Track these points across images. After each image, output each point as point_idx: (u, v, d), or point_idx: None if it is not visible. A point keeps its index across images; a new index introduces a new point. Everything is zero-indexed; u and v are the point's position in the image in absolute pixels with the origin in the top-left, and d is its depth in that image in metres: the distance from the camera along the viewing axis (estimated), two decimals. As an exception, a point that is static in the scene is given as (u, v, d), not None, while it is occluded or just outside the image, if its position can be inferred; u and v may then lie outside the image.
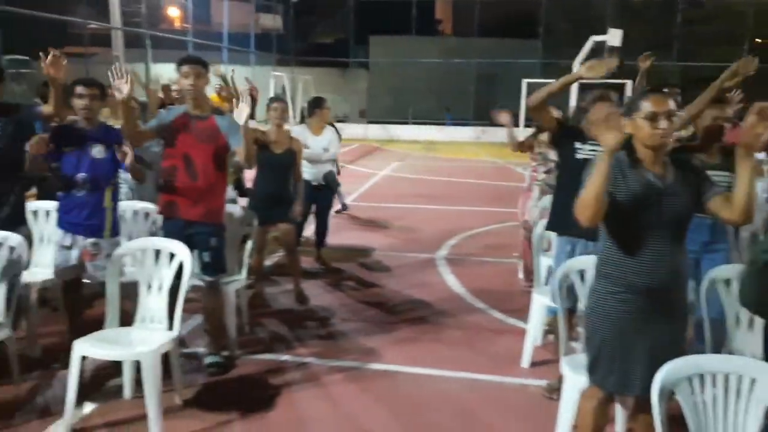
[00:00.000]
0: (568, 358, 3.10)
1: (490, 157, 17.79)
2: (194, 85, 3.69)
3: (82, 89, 3.73)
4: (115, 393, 3.60)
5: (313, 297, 5.37)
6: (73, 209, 3.75)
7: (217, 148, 3.79)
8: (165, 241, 3.55)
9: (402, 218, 8.97)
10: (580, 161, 3.32)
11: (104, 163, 3.76)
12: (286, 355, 4.22)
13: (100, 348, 3.20)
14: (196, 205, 3.77)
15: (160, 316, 3.49)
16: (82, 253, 3.79)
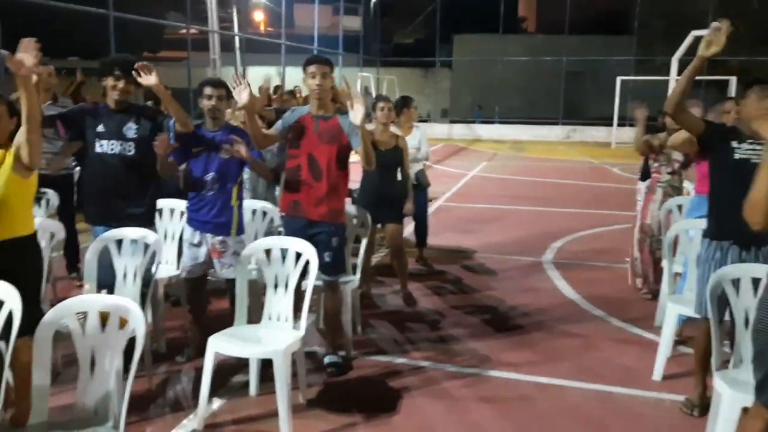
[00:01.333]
0: (721, 373, 2.87)
1: (583, 157, 17.21)
2: (320, 84, 3.68)
3: (210, 90, 3.80)
4: (241, 390, 3.64)
5: (419, 299, 5.29)
6: (202, 208, 3.83)
7: (340, 148, 3.76)
8: (292, 240, 3.55)
9: (499, 219, 8.78)
10: (739, 162, 3.08)
11: (231, 162, 3.81)
12: (402, 358, 4.15)
13: (232, 345, 3.23)
14: (319, 204, 3.76)
15: (286, 315, 3.50)
16: (210, 250, 3.86)
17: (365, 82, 20.32)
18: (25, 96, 2.73)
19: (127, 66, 3.73)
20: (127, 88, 3.76)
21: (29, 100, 2.74)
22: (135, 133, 3.80)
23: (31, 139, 2.79)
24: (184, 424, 3.29)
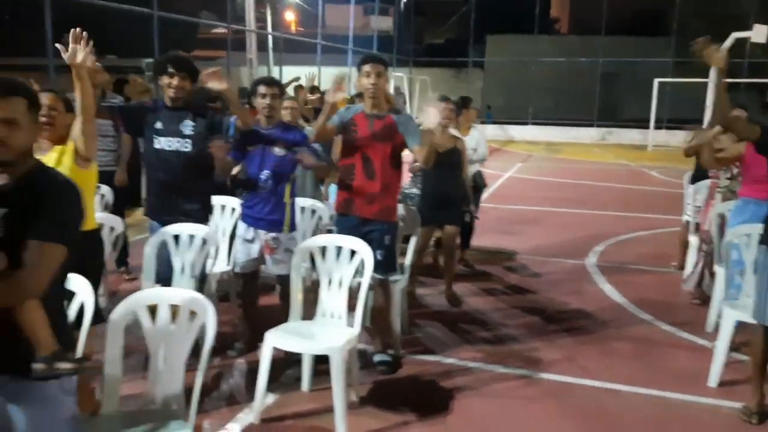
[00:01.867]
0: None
1: (619, 160, 16.98)
2: (375, 84, 3.70)
3: (265, 89, 3.84)
4: (293, 385, 3.66)
5: (464, 299, 5.27)
6: (256, 204, 3.87)
7: (394, 147, 3.77)
8: (347, 238, 3.57)
9: (538, 221, 8.71)
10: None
11: (285, 160, 3.85)
12: (451, 358, 4.14)
13: (290, 340, 3.26)
14: (372, 203, 3.78)
15: (340, 312, 3.52)
16: (262, 246, 3.91)
17: (397, 82, 20.32)
18: (79, 87, 2.79)
19: (181, 63, 3.79)
20: (182, 84, 3.79)
21: (84, 92, 2.80)
22: (191, 130, 3.84)
23: (87, 130, 2.86)
24: (239, 417, 3.34)
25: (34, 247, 1.72)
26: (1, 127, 1.75)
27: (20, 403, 1.80)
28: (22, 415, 1.80)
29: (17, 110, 1.78)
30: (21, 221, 1.72)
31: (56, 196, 1.80)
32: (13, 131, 1.76)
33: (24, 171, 1.82)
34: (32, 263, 1.71)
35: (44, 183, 1.82)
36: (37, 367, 1.76)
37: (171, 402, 2.50)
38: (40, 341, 1.77)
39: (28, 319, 1.76)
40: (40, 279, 1.73)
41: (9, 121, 1.76)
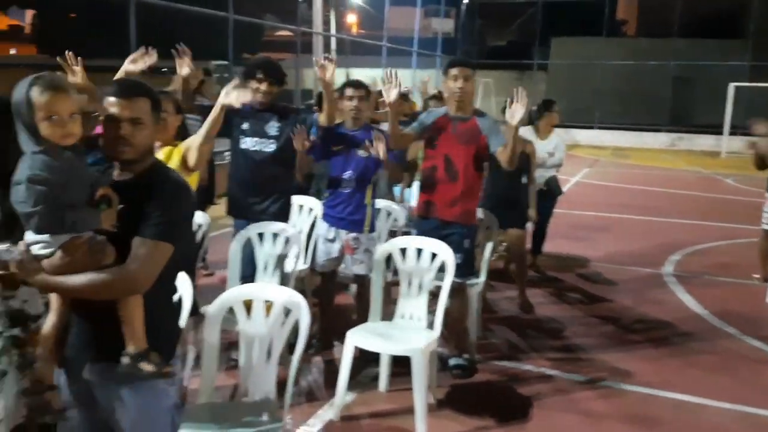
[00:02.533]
0: None
1: (690, 167, 16.39)
2: (462, 88, 3.69)
3: (352, 91, 3.89)
4: (370, 384, 3.69)
5: (535, 305, 5.20)
6: (338, 205, 3.93)
7: (477, 149, 3.76)
8: (428, 240, 3.57)
9: (610, 228, 8.50)
10: None
11: (368, 162, 3.89)
12: (528, 365, 4.09)
13: (371, 340, 3.29)
14: (453, 205, 3.77)
15: (419, 314, 3.53)
16: (343, 246, 3.96)
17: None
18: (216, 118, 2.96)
19: (270, 69, 3.88)
20: (270, 89, 3.88)
21: (216, 123, 2.96)
22: (276, 131, 3.93)
23: (203, 150, 2.97)
24: (319, 414, 3.38)
25: (142, 244, 1.78)
26: (127, 126, 1.82)
27: (129, 389, 1.87)
28: (131, 399, 1.87)
29: (142, 110, 1.85)
30: (135, 217, 1.79)
31: (169, 195, 1.86)
32: (137, 130, 1.84)
33: (143, 169, 1.90)
34: (139, 259, 1.77)
35: (160, 181, 1.88)
36: (123, 362, 1.82)
37: (263, 396, 2.56)
38: (132, 338, 1.83)
39: (127, 313, 1.81)
40: (146, 275, 1.79)
41: (134, 121, 1.83)
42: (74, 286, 1.73)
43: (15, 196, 1.68)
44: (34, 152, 1.68)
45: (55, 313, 1.84)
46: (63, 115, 1.71)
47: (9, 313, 2.18)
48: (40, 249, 1.72)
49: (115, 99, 1.82)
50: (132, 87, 1.89)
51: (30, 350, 2.19)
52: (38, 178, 1.65)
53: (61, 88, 1.71)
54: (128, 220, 1.78)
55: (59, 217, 1.67)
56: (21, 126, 1.69)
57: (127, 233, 1.78)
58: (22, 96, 1.67)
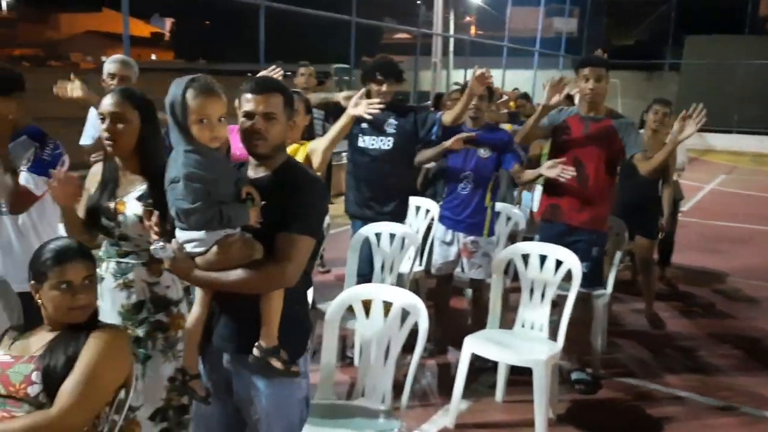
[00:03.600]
0: None
1: None
2: (593, 88, 3.50)
3: None
4: (485, 392, 3.58)
5: (665, 321, 4.84)
6: (457, 206, 3.84)
7: (610, 153, 3.54)
8: (553, 247, 3.40)
9: (749, 241, 7.80)
10: None
11: (489, 162, 3.78)
12: (656, 384, 3.81)
13: (490, 348, 3.18)
14: (581, 210, 3.58)
15: (541, 324, 3.37)
16: (460, 249, 3.87)
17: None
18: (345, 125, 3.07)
19: (389, 70, 3.86)
20: (389, 89, 3.87)
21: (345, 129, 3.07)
22: (394, 129, 3.91)
23: (327, 154, 3.03)
24: (434, 419, 3.32)
25: (289, 239, 1.81)
26: (262, 120, 1.86)
27: (265, 380, 1.90)
28: (266, 390, 1.91)
29: (276, 106, 1.88)
30: (274, 213, 1.82)
31: (308, 191, 1.88)
32: (271, 125, 1.87)
33: (278, 165, 1.93)
34: (287, 255, 1.80)
35: (297, 177, 1.91)
36: (254, 355, 1.85)
37: (380, 398, 2.53)
38: (267, 332, 1.86)
39: (268, 307, 1.85)
40: (296, 270, 1.82)
41: (269, 116, 1.87)
42: (230, 281, 1.80)
43: (172, 193, 1.75)
44: (187, 150, 1.75)
45: (201, 305, 1.91)
46: (213, 118, 1.78)
47: (154, 299, 2.30)
48: (194, 247, 1.79)
49: (250, 95, 1.87)
50: (267, 83, 1.93)
51: (172, 334, 2.31)
52: (195, 176, 1.71)
53: (214, 92, 1.79)
54: (269, 215, 1.82)
55: (217, 213, 1.73)
56: (173, 125, 1.77)
57: (268, 229, 1.82)
58: (177, 97, 1.75)
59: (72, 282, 1.84)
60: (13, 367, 1.82)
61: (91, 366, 1.79)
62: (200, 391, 1.92)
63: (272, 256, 1.81)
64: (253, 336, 1.86)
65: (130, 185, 2.28)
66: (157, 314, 2.30)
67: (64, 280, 1.83)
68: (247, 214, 1.79)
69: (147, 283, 2.29)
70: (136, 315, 2.29)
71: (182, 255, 1.81)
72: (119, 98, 2.21)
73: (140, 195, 2.25)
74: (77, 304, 1.85)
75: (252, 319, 1.86)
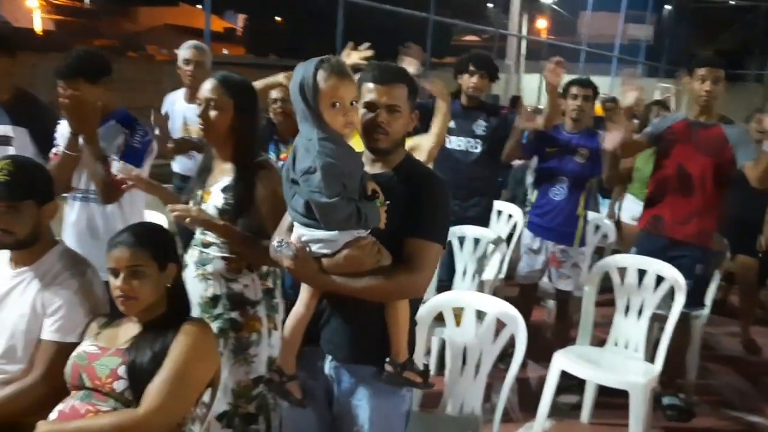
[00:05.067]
0: None
1: None
2: (710, 91, 3.25)
3: (577, 89, 3.58)
4: (570, 412, 3.36)
5: (763, 347, 4.48)
6: (548, 213, 3.63)
7: (719, 162, 3.26)
8: (653, 261, 3.15)
9: None
10: None
11: (585, 168, 3.54)
12: (757, 417, 3.50)
13: (582, 366, 2.96)
14: (686, 223, 3.31)
15: (636, 344, 3.13)
16: (549, 258, 3.65)
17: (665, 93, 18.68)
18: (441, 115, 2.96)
19: (482, 61, 3.70)
20: (481, 83, 3.71)
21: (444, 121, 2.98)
22: (484, 131, 3.74)
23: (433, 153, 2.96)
24: (517, 435, 3.14)
25: (420, 247, 1.67)
26: (385, 113, 1.72)
27: (372, 390, 1.77)
28: (372, 401, 1.77)
29: (401, 97, 1.74)
30: (400, 216, 1.68)
31: (437, 193, 1.74)
32: (395, 119, 1.73)
33: (398, 162, 1.79)
34: (419, 263, 1.66)
35: (423, 178, 1.77)
36: (388, 370, 1.72)
37: (469, 411, 2.37)
38: (398, 344, 1.73)
39: (396, 318, 1.72)
40: (426, 280, 1.69)
41: (391, 108, 1.72)
42: (359, 287, 1.65)
43: (306, 185, 1.58)
44: (322, 138, 1.58)
45: (306, 305, 1.76)
46: (346, 102, 1.62)
47: (230, 296, 2.21)
48: (320, 248, 1.64)
49: (373, 85, 1.73)
50: (392, 72, 1.77)
51: (245, 335, 2.21)
52: (333, 167, 1.54)
53: (346, 74, 1.63)
54: (393, 217, 1.66)
55: (355, 211, 1.57)
56: (303, 109, 1.61)
57: (393, 232, 1.67)
58: (308, 79, 1.59)
59: (116, 269, 1.75)
60: (100, 359, 1.74)
61: (179, 364, 1.70)
62: (297, 393, 1.79)
63: (403, 264, 1.66)
64: (370, 346, 1.73)
65: (220, 175, 2.20)
66: (232, 312, 2.21)
67: (110, 266, 1.76)
68: (379, 214, 1.63)
69: (224, 278, 2.20)
70: (212, 309, 2.22)
71: (305, 255, 1.66)
72: (215, 84, 2.12)
73: (225, 186, 2.16)
74: (116, 294, 1.75)
75: (369, 328, 1.73)
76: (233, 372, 2.22)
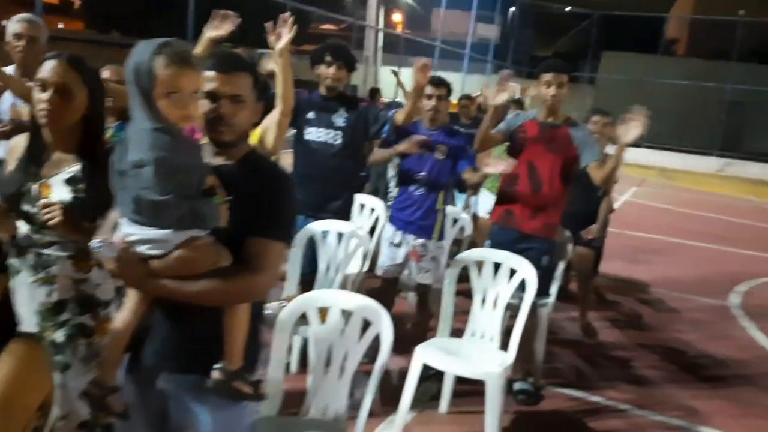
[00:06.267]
0: None
1: (742, 194, 15.82)
2: (555, 94, 3.43)
3: (432, 89, 3.62)
4: (429, 403, 3.43)
5: (598, 330, 4.88)
6: (408, 207, 3.67)
7: (565, 160, 3.47)
8: (507, 255, 3.29)
9: (669, 252, 8.13)
10: None
11: (444, 166, 3.62)
12: (597, 396, 3.79)
13: (442, 359, 3.02)
14: (534, 217, 3.49)
15: (492, 334, 3.26)
16: (409, 252, 3.70)
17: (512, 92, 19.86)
18: (282, 74, 2.67)
19: (339, 52, 3.64)
20: (339, 74, 3.65)
21: (286, 79, 2.68)
22: (344, 122, 3.68)
23: (282, 123, 2.73)
24: (380, 429, 3.13)
25: (263, 246, 1.56)
26: (227, 104, 1.60)
27: (207, 405, 1.64)
28: (208, 416, 1.65)
29: (245, 87, 1.63)
30: (243, 213, 1.56)
31: (282, 190, 1.65)
32: (238, 109, 1.61)
33: (241, 155, 1.67)
34: (262, 264, 1.55)
35: (267, 172, 1.67)
36: (215, 378, 1.59)
37: (333, 414, 2.32)
38: (232, 351, 1.60)
39: (232, 323, 1.59)
40: (270, 281, 1.59)
41: (235, 98, 1.60)
42: (193, 291, 1.50)
43: (135, 180, 1.43)
44: (156, 129, 1.43)
45: (133, 314, 1.58)
46: (185, 93, 1.47)
47: (80, 298, 1.97)
48: (150, 249, 1.47)
49: (214, 73, 1.59)
50: (233, 61, 1.65)
51: (97, 341, 1.98)
52: (167, 162, 1.40)
53: (188, 62, 1.48)
54: (234, 214, 1.54)
55: (191, 210, 1.43)
56: (137, 94, 1.44)
57: (233, 230, 1.54)
58: (144, 64, 1.43)
59: None
60: None
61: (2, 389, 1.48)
62: (118, 407, 1.60)
63: (244, 265, 1.54)
64: (203, 354, 1.59)
65: (60, 166, 1.95)
66: (81, 316, 1.98)
67: None
68: (219, 212, 1.51)
69: (72, 280, 1.97)
70: (56, 316, 1.96)
71: (130, 257, 1.49)
72: (66, 67, 1.87)
73: (70, 178, 1.92)
74: None
75: (203, 336, 1.59)
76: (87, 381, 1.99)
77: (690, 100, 23.45)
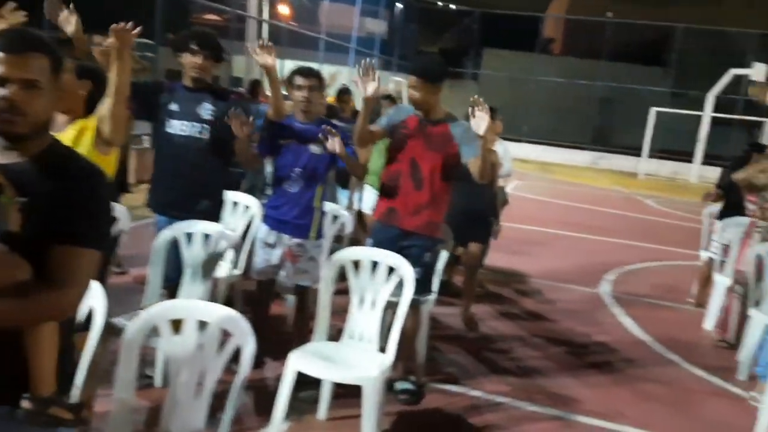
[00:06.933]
0: None
1: (612, 186, 16.88)
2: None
3: (302, 80, 3.45)
4: (307, 409, 3.27)
5: (479, 322, 4.93)
6: (282, 206, 3.48)
7: (446, 157, 3.42)
8: (385, 253, 3.19)
9: (545, 244, 8.45)
10: None
11: (321, 159, 3.46)
12: (477, 391, 3.79)
13: (317, 365, 2.87)
14: (416, 214, 3.42)
15: (370, 335, 3.15)
16: (285, 253, 3.51)
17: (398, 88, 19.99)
18: (118, 67, 2.46)
19: (205, 40, 3.40)
20: (205, 64, 3.39)
21: (122, 72, 2.47)
22: (210, 115, 3.42)
23: (117, 113, 2.49)
24: (251, 442, 2.95)
25: (71, 255, 1.34)
26: (18, 90, 1.36)
27: None
28: None
29: (38, 70, 1.38)
30: (43, 217, 1.33)
31: (88, 187, 1.42)
32: (32, 97, 1.37)
33: (40, 149, 1.43)
34: (69, 275, 1.33)
35: (71, 168, 1.43)
36: (26, 408, 1.37)
37: None
38: (42, 377, 1.39)
39: (38, 344, 1.36)
40: (80, 294, 1.37)
41: (28, 83, 1.37)
42: None
43: None
44: None
45: None
46: None
47: None
48: None
49: (2, 54, 1.35)
50: (25, 40, 1.40)
51: None
52: None
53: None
54: (34, 221, 1.32)
55: None
56: None
57: (30, 237, 1.32)
58: None
59: None
60: None
61: None
62: None
63: (47, 277, 1.32)
64: (8, 382, 1.36)
65: None
66: None
67: None
68: (6, 214, 1.28)
69: None
70: None
71: None
72: None
73: None
74: None
75: (5, 361, 1.36)
76: None
77: (565, 97, 24.77)
